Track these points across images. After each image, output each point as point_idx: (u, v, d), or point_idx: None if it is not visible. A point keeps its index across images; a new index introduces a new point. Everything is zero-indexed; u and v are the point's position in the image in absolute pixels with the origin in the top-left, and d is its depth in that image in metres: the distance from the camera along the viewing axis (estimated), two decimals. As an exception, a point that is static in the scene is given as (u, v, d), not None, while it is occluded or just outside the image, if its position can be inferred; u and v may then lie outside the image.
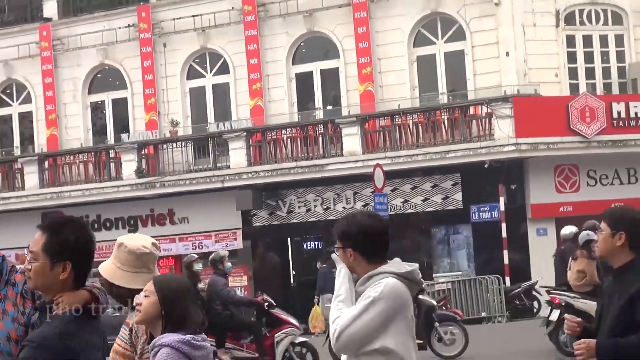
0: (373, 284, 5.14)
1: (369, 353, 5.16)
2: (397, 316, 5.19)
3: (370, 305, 5.05)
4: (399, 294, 5.20)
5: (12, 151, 39.73)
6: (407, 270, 5.33)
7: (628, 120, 32.48)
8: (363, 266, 5.26)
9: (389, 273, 5.20)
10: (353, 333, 5.08)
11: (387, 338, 5.12)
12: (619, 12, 34.32)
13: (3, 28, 40.15)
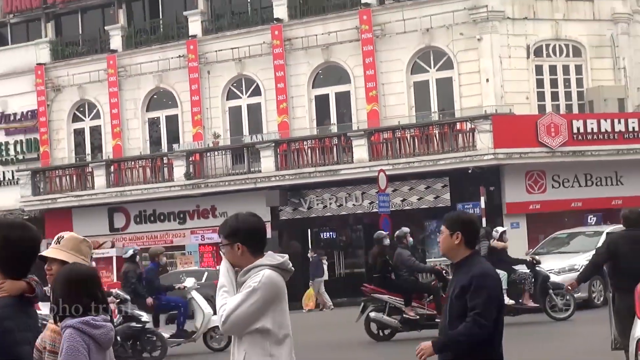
0: (253, 275, 5.19)
1: (250, 332, 5.21)
2: (274, 301, 5.27)
3: (252, 293, 5.10)
4: (275, 283, 5.25)
5: (85, 158, 39.84)
6: (280, 261, 5.39)
7: (585, 135, 32.53)
8: (248, 259, 5.27)
9: (265, 265, 5.25)
10: (238, 317, 5.13)
11: (265, 320, 5.18)
12: (578, 47, 34.40)
13: (78, 58, 40.22)
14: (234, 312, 5.11)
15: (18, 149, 41.08)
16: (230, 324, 5.17)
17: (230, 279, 5.35)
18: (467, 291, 6.00)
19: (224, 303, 5.20)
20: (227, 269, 5.41)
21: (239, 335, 5.29)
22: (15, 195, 39.98)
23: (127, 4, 40.24)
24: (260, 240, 5.44)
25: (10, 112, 41.27)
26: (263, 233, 5.55)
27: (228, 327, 5.27)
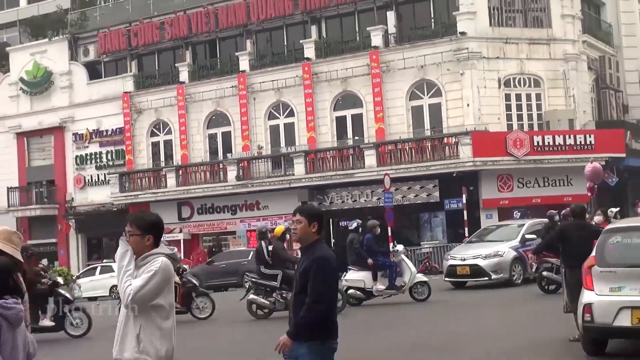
0: (152, 261, 5.14)
1: (147, 308, 5.13)
2: (167, 283, 5.21)
3: (154, 276, 5.06)
4: (169, 268, 5.20)
5: (159, 164, 39.95)
6: (172, 252, 5.42)
7: (543, 147, 32.39)
8: (150, 248, 5.23)
9: (161, 254, 5.23)
10: (144, 294, 5.06)
11: (160, 298, 5.14)
12: (538, 80, 34.20)
13: (154, 87, 40.36)
14: (140, 291, 5.06)
15: (109, 157, 41.22)
16: (138, 300, 5.09)
17: (133, 264, 5.25)
18: (309, 271, 5.89)
19: (130, 283, 5.11)
20: (131, 255, 5.30)
21: (140, 310, 5.17)
22: (107, 192, 40.11)
23: (192, 46, 40.38)
24: (159, 231, 5.39)
25: (103, 129, 41.45)
26: (162, 228, 5.49)
27: (135, 301, 5.17)
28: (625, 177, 35.33)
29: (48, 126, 43.08)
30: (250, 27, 38.59)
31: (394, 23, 35.64)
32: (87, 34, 43.01)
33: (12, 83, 44.01)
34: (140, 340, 5.16)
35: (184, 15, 39.93)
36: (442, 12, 35.11)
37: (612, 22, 39.67)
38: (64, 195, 42.31)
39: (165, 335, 5.23)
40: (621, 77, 39.33)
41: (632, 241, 10.08)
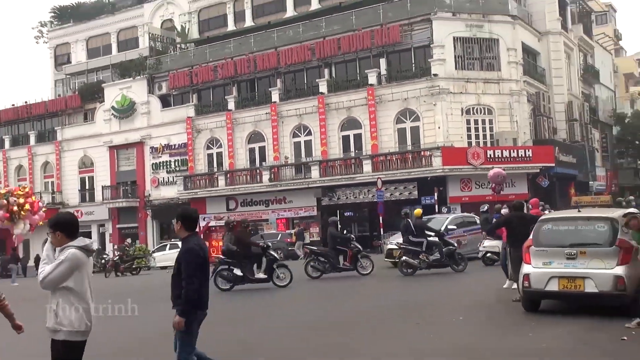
0: (64, 252, 4.98)
1: (59, 289, 4.97)
2: (76, 269, 5.01)
3: (61, 264, 4.90)
4: (77, 257, 4.97)
5: (213, 169, 40.04)
6: (85, 244, 5.12)
7: (494, 158, 32.33)
8: (63, 241, 5.05)
9: (72, 246, 5.02)
10: (51, 278, 4.91)
11: (69, 281, 4.96)
12: (491, 109, 34.14)
13: (210, 114, 40.39)
14: (48, 275, 4.94)
15: (176, 164, 41.42)
16: (46, 282, 4.97)
17: (49, 254, 5.10)
18: (182, 260, 5.92)
19: (42, 269, 5.00)
20: (49, 247, 5.18)
21: (52, 290, 5.03)
22: (174, 190, 40.26)
23: (237, 83, 40.52)
24: (72, 229, 5.19)
25: (172, 144, 41.61)
26: (75, 224, 5.28)
27: (45, 284, 5.06)
28: (554, 180, 35.51)
29: (132, 142, 43.30)
30: (279, 69, 38.71)
31: (385, 67, 35.69)
32: (161, 74, 43.21)
33: (106, 110, 44.28)
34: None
35: (231, 61, 40.07)
36: (420, 59, 35.16)
37: (545, 67, 39.62)
38: (143, 192, 42.58)
39: (79, 311, 5.05)
40: (551, 107, 39.44)
41: (559, 228, 10.19)
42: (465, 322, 9.92)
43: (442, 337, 8.82)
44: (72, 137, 45.89)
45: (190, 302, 5.80)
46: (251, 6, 44.22)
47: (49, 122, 47.91)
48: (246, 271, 15.93)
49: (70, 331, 5.01)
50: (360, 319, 10.88)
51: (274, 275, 16.15)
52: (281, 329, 10.19)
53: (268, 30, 40.64)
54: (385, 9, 36.24)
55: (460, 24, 34.59)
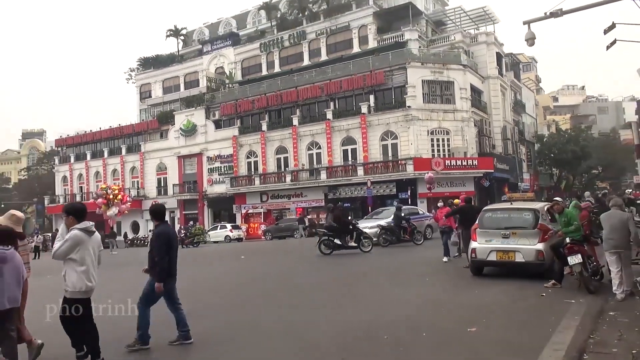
0: (70, 232, 4.95)
1: (67, 260, 4.94)
2: (77, 245, 4.95)
3: (66, 241, 4.88)
4: (78, 236, 4.92)
5: (252, 173, 39.84)
6: (85, 226, 5.03)
7: (451, 166, 32.38)
8: (73, 223, 5.02)
9: (76, 228, 4.98)
10: (58, 253, 4.92)
11: (74, 254, 4.93)
12: (448, 130, 33.71)
13: (247, 134, 40.35)
14: (57, 250, 4.97)
15: (225, 169, 41.37)
16: (55, 255, 4.98)
17: (63, 233, 5.06)
18: (154, 243, 5.83)
19: (57, 245, 5.00)
20: (63, 227, 5.14)
21: (62, 261, 5.01)
22: (224, 187, 40.17)
23: (268, 112, 40.43)
24: (80, 214, 5.11)
25: (222, 154, 41.52)
26: (82, 211, 5.17)
27: (55, 257, 5.03)
28: (493, 182, 35.23)
29: (194, 153, 43.26)
30: (298, 102, 38.61)
31: (373, 100, 35.52)
32: (215, 105, 43.24)
33: (175, 130, 44.37)
34: (65, 279, 5.05)
35: (264, 96, 40.03)
36: (398, 95, 34.87)
37: (487, 101, 39.43)
38: (201, 188, 42.61)
39: (80, 276, 4.99)
40: (491, 130, 39.22)
41: (497, 215, 10.21)
42: (429, 282, 9.95)
43: (413, 292, 8.86)
44: (152, 150, 46.02)
45: (163, 272, 5.70)
46: (279, 57, 44.45)
47: (136, 139, 48.06)
48: (342, 240, 16.00)
49: (73, 291, 5.02)
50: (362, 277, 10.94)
51: (360, 244, 16.07)
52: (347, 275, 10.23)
53: (290, 74, 40.69)
54: (374, 59, 36.17)
55: (427, 71, 34.47)
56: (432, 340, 5.69)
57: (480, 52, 39.94)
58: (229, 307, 8.35)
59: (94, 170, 49.32)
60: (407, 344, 5.56)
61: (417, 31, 38.48)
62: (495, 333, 5.89)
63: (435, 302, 7.80)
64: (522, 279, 9.25)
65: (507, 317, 6.69)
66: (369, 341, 5.73)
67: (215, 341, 6.15)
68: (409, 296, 8.49)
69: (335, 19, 41.76)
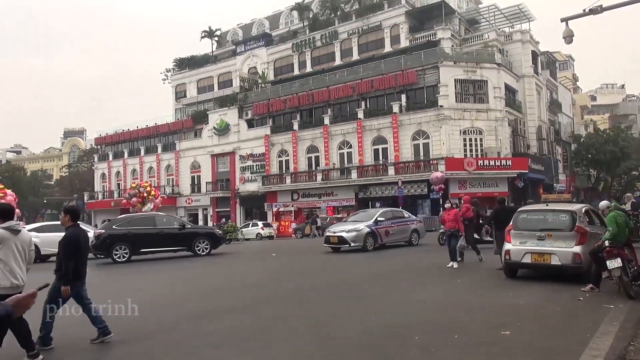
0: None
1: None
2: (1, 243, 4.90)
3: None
4: (2, 236, 4.85)
5: (283, 172, 40.14)
6: (9, 225, 5.00)
7: (484, 166, 31.86)
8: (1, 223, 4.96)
9: (2, 227, 4.92)
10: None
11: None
12: (481, 130, 33.42)
13: (280, 132, 40.57)
14: None
15: (257, 168, 41.76)
16: None
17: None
18: (61, 246, 5.71)
19: None
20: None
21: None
22: (255, 186, 40.66)
23: (300, 112, 40.57)
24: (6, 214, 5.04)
25: (254, 153, 41.94)
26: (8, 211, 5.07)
27: None
28: (527, 182, 34.58)
29: (227, 151, 43.78)
30: (330, 101, 38.70)
31: (405, 100, 35.32)
32: (247, 105, 43.70)
33: (209, 129, 45.01)
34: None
35: (296, 96, 40.28)
36: (430, 95, 34.61)
37: (521, 100, 38.65)
38: (234, 186, 43.11)
39: (4, 273, 4.93)
40: (526, 130, 38.46)
41: (532, 217, 9.92)
42: (461, 283, 9.73)
43: (443, 293, 8.67)
44: (186, 148, 46.82)
45: (68, 276, 5.62)
46: (310, 57, 44.53)
47: (171, 137, 48.98)
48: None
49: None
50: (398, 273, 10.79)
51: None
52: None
53: (322, 74, 40.77)
54: (405, 59, 35.89)
55: (460, 70, 33.97)
56: (464, 343, 5.53)
57: (515, 50, 39.07)
58: (258, 303, 8.35)
59: (131, 167, 50.52)
60: (438, 345, 5.42)
61: (449, 30, 37.91)
62: (530, 337, 5.69)
63: (466, 304, 7.59)
64: (557, 282, 8.94)
65: (541, 321, 6.44)
66: (398, 342, 5.61)
67: (245, 336, 6.14)
68: (439, 297, 8.31)
69: (367, 19, 41.55)
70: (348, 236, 16.92)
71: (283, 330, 6.36)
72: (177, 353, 5.58)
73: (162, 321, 7.03)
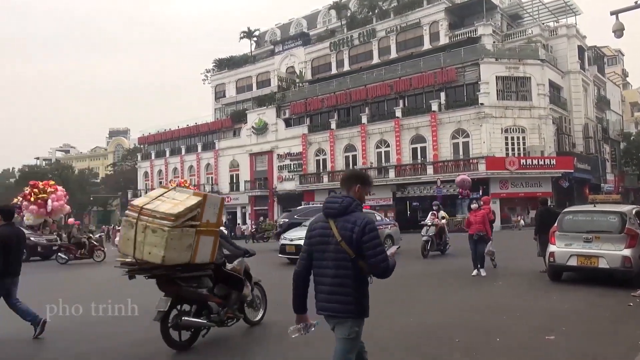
0: None
1: None
2: None
3: None
4: None
5: (320, 170, 40.23)
6: None
7: (526, 165, 31.05)
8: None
9: None
10: None
11: None
12: (524, 129, 32.58)
13: (317, 132, 40.67)
14: None
15: (294, 167, 42.02)
16: None
17: None
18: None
19: None
20: None
21: None
22: (293, 184, 40.91)
23: (337, 110, 40.58)
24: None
25: (292, 152, 42.18)
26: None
27: None
28: (573, 183, 33.44)
29: (265, 150, 44.21)
30: (367, 100, 38.54)
31: (444, 98, 34.82)
32: (285, 104, 44.01)
33: (248, 129, 45.57)
34: None
35: (333, 95, 40.30)
36: (470, 92, 33.98)
37: (567, 97, 37.41)
38: (272, 185, 43.52)
39: None
40: (571, 128, 37.33)
41: (578, 218, 9.62)
42: (502, 286, 9.53)
43: (484, 295, 8.52)
44: (225, 147, 47.57)
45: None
46: (348, 56, 44.41)
47: (211, 137, 49.89)
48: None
49: None
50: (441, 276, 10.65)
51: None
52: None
53: (360, 73, 40.65)
54: (445, 56, 35.35)
55: (501, 67, 33.19)
56: (507, 346, 5.42)
57: (560, 45, 37.89)
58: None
59: (172, 166, 51.78)
60: (480, 348, 5.33)
61: (491, 26, 37.08)
62: (576, 343, 5.51)
63: (509, 307, 7.42)
64: (604, 286, 8.63)
65: (588, 326, 6.23)
66: (439, 343, 5.56)
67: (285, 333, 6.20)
68: (479, 300, 8.16)
69: (405, 16, 41.12)
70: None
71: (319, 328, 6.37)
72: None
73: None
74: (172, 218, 4.91)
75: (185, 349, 5.38)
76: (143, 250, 5.02)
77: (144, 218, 5.09)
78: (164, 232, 4.89)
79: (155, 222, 4.99)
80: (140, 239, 5.03)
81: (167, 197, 5.31)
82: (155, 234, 4.95)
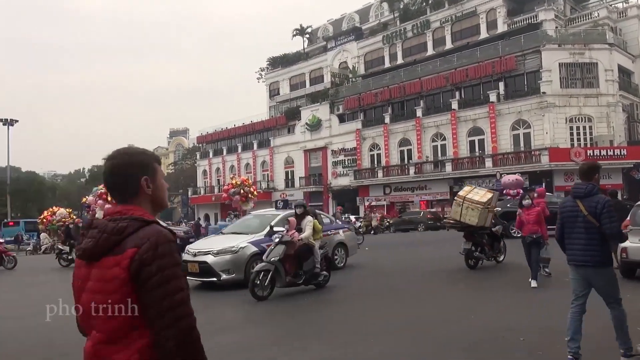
0: None
1: None
2: None
3: None
4: None
5: (374, 165, 39.92)
6: None
7: (593, 156, 29.34)
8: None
9: None
10: None
11: None
12: (591, 117, 30.85)
13: (369, 127, 40.40)
14: None
15: (349, 162, 42.04)
16: None
17: None
18: None
19: None
20: None
21: None
22: (347, 180, 40.93)
23: (391, 105, 40.14)
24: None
25: (346, 147, 42.24)
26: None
27: None
28: (646, 174, 31.39)
29: (319, 147, 44.48)
30: (422, 93, 37.89)
31: (503, 88, 33.63)
32: (339, 100, 44.05)
33: (302, 125, 45.99)
34: None
35: (387, 89, 39.89)
36: (531, 81, 32.64)
37: (639, 83, 35.11)
38: (326, 181, 43.72)
39: None
40: (644, 115, 35.00)
41: (653, 212, 9.00)
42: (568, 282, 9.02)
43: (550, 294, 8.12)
44: (280, 144, 48.24)
45: None
46: (401, 49, 43.84)
47: (266, 134, 50.73)
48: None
49: None
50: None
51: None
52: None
53: (414, 65, 40.01)
54: (503, 44, 34.10)
55: (565, 53, 31.60)
56: (575, 347, 5.13)
57: (631, 28, 35.64)
58: (356, 297, 8.41)
59: (229, 164, 53.12)
60: (545, 348, 5.11)
61: (553, 10, 35.41)
62: (652, 344, 5.14)
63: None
64: (685, 285, 8.02)
65: (666, 327, 5.79)
66: (502, 343, 5.38)
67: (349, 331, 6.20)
68: (545, 299, 7.81)
69: (461, 5, 40.07)
70: (216, 262, 9.74)
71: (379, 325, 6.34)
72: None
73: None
74: (483, 203, 10.37)
75: None
76: (466, 218, 10.51)
77: (466, 203, 10.55)
78: (478, 211, 10.36)
79: (472, 205, 10.43)
80: (465, 212, 10.49)
81: (475, 192, 10.60)
82: (473, 211, 10.41)
